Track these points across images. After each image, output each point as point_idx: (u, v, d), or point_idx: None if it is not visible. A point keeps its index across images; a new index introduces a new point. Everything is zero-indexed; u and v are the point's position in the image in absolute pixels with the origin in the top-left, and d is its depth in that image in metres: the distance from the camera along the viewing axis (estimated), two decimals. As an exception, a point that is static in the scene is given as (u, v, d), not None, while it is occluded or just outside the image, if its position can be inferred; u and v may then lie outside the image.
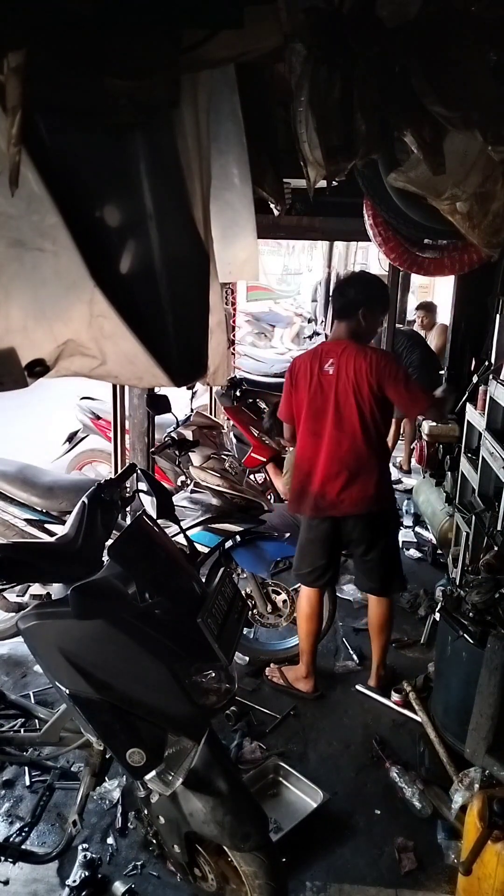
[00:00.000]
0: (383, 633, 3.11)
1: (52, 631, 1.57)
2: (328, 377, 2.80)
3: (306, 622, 3.07)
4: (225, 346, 1.90)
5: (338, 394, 2.78)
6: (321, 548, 2.99)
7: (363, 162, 1.56)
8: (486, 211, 1.97)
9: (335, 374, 2.79)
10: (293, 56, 1.42)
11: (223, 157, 1.87)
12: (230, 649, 1.64)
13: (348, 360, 2.78)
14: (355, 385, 2.75)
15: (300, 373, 2.87)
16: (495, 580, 2.54)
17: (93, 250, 1.41)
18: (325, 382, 2.81)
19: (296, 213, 4.20)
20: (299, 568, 3.07)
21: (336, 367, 2.79)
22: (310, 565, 3.02)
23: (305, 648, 3.10)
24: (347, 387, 2.76)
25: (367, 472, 2.84)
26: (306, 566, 3.03)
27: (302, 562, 3.05)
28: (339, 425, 2.80)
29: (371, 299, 2.87)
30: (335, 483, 2.84)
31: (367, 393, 2.74)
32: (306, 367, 2.85)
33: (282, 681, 3.17)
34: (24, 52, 1.05)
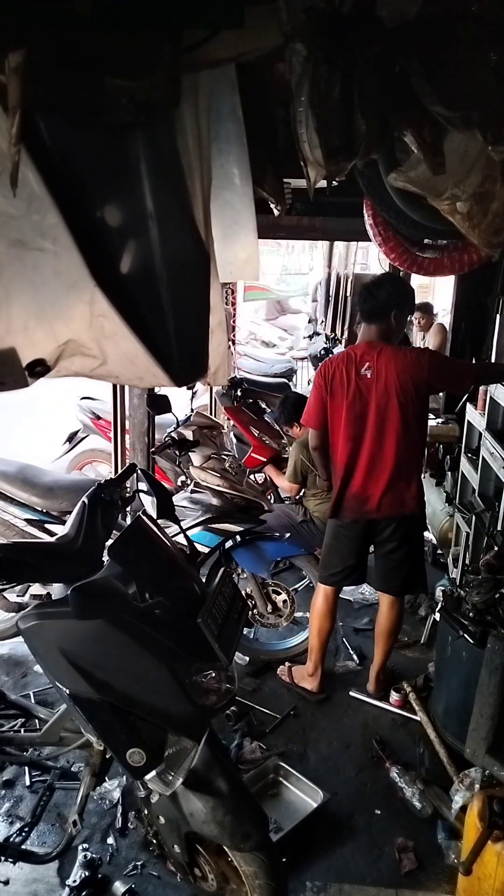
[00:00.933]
0: (391, 638, 3.11)
1: (52, 631, 1.57)
2: (366, 381, 2.78)
3: (322, 620, 3.08)
4: (225, 346, 1.90)
5: (378, 397, 2.76)
6: (353, 549, 2.99)
7: (363, 162, 1.56)
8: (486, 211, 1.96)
9: (374, 378, 2.77)
10: (293, 56, 1.41)
11: (223, 157, 1.87)
12: (230, 649, 1.64)
13: (388, 362, 2.77)
14: (398, 386, 2.74)
15: (335, 379, 2.82)
16: (495, 580, 2.54)
17: (93, 250, 1.41)
18: (364, 387, 2.78)
19: (296, 213, 4.19)
20: (328, 568, 3.05)
21: (374, 370, 2.77)
22: (340, 565, 3.01)
23: (316, 646, 3.11)
24: (389, 389, 2.75)
25: (407, 473, 2.86)
26: (336, 566, 3.02)
27: (331, 562, 3.04)
28: (381, 428, 2.79)
29: (402, 301, 2.88)
30: (378, 486, 2.85)
31: (413, 392, 2.75)
32: (342, 373, 2.81)
33: (288, 677, 3.19)
34: (25, 51, 1.05)
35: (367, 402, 2.79)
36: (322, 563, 3.13)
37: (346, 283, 9.09)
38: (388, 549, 2.98)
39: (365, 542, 3.00)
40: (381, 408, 2.77)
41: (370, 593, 4.06)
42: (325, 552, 3.10)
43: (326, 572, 3.08)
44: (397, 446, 2.80)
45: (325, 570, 3.09)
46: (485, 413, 3.36)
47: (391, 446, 2.81)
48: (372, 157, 1.58)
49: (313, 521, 3.70)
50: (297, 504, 3.89)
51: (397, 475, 2.84)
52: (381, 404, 2.77)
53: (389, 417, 2.78)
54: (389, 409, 2.77)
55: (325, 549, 3.09)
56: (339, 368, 2.82)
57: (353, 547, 2.98)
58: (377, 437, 2.80)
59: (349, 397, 2.80)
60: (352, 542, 2.98)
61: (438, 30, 1.42)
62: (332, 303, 9.73)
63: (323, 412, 2.90)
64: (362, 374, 2.79)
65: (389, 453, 2.81)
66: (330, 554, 3.06)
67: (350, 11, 1.40)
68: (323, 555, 3.12)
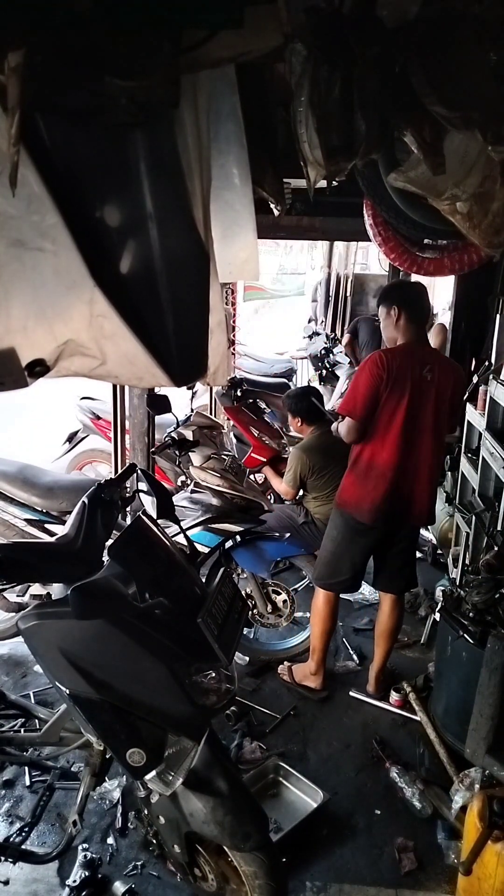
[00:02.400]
0: (392, 638, 3.10)
1: (52, 631, 1.57)
2: (427, 383, 2.72)
3: (324, 622, 3.06)
4: (225, 346, 1.90)
5: (435, 401, 2.73)
6: (367, 554, 2.96)
7: (363, 162, 1.56)
8: (486, 211, 1.96)
9: (433, 381, 2.73)
10: (293, 56, 1.41)
11: (223, 157, 1.87)
12: (230, 649, 1.64)
13: (444, 368, 2.77)
14: (449, 394, 2.76)
15: (399, 372, 2.67)
16: (495, 580, 2.54)
17: (93, 250, 1.41)
18: (426, 388, 2.71)
19: (296, 213, 4.19)
20: (336, 575, 2.97)
21: (434, 374, 2.73)
22: (349, 571, 2.95)
23: (319, 647, 3.10)
24: (443, 395, 2.74)
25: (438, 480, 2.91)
26: (345, 573, 2.95)
27: (339, 569, 2.96)
28: (435, 433, 2.77)
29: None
30: (424, 490, 2.82)
31: (451, 404, 2.79)
32: (407, 368, 2.68)
33: (289, 677, 3.19)
34: (24, 51, 1.05)
35: (426, 405, 2.72)
36: (326, 570, 3.00)
37: (346, 283, 9.10)
38: (397, 550, 2.98)
39: (377, 546, 2.95)
40: (435, 413, 2.74)
41: (370, 593, 4.06)
42: (331, 558, 2.97)
43: (333, 579, 2.98)
44: (438, 452, 2.83)
45: (332, 576, 2.98)
46: (485, 413, 3.36)
47: (437, 451, 2.81)
48: (372, 157, 1.58)
49: (314, 523, 3.69)
50: (298, 505, 3.89)
51: (435, 484, 2.87)
52: (435, 409, 2.74)
53: (439, 423, 2.76)
54: (441, 415, 2.75)
55: (332, 555, 2.96)
56: (405, 363, 2.69)
57: (367, 552, 2.95)
58: (431, 443, 2.76)
59: (410, 395, 2.68)
60: (368, 547, 2.92)
61: (438, 30, 1.42)
62: (332, 303, 9.74)
63: (373, 404, 2.70)
64: (424, 376, 2.71)
65: (436, 458, 2.81)
66: (339, 560, 2.94)
67: (350, 11, 1.40)
68: (328, 561, 2.99)
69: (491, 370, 3.48)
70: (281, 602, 3.35)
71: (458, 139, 1.64)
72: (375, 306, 8.31)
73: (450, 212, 1.98)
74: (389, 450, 2.73)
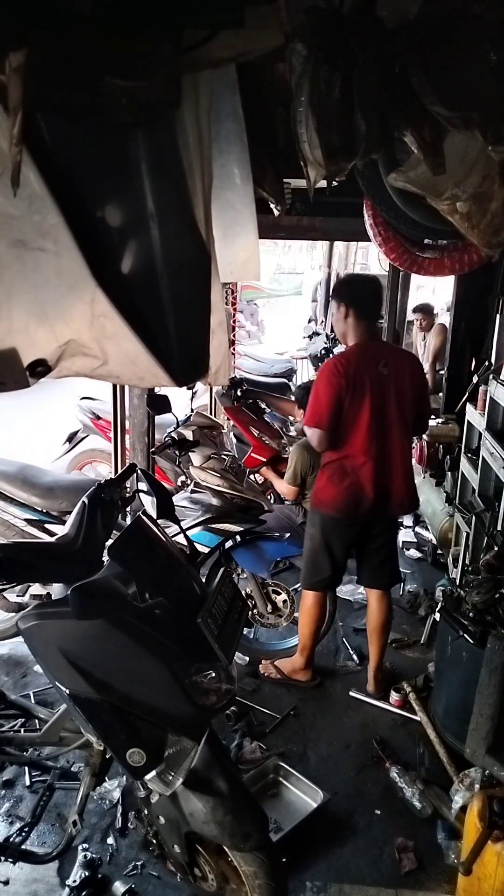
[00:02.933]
0: (385, 633, 3.12)
1: (52, 631, 1.57)
2: (384, 378, 2.77)
3: (313, 622, 3.08)
4: (226, 346, 1.90)
5: (395, 394, 2.78)
6: (347, 549, 2.99)
7: (363, 162, 1.56)
8: (484, 211, 1.96)
9: (390, 374, 2.78)
10: (293, 56, 1.41)
11: (224, 157, 1.87)
12: (230, 649, 1.64)
13: (398, 359, 2.84)
14: (408, 384, 2.81)
15: (356, 375, 2.72)
16: (495, 580, 2.54)
17: (94, 250, 1.41)
18: (385, 383, 2.77)
19: (296, 213, 4.19)
20: (317, 574, 3.00)
21: (389, 367, 2.78)
22: (330, 569, 2.98)
23: (307, 645, 3.12)
24: (403, 386, 2.79)
25: (412, 470, 2.96)
26: (325, 571, 2.98)
27: (320, 568, 2.99)
28: (400, 426, 2.82)
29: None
30: (403, 485, 2.87)
31: (412, 393, 2.83)
32: (363, 369, 2.74)
33: (278, 675, 3.19)
34: (25, 52, 1.05)
35: (386, 399, 2.77)
36: (308, 570, 3.03)
37: (346, 283, 9.08)
38: (377, 545, 3.02)
39: (356, 541, 3.01)
40: (397, 405, 2.79)
41: (370, 593, 4.07)
42: (311, 557, 3.01)
43: (315, 578, 3.02)
44: (409, 445, 2.89)
45: (314, 576, 3.01)
46: (485, 413, 3.36)
47: (407, 445, 2.88)
48: (372, 157, 1.58)
49: None
50: (297, 505, 3.89)
51: (410, 472, 2.92)
52: (397, 401, 2.79)
53: (403, 415, 2.81)
54: (403, 407, 2.80)
55: (312, 553, 3.00)
56: (360, 364, 2.74)
57: (346, 548, 2.99)
58: (395, 434, 2.81)
59: (372, 394, 2.74)
60: (346, 542, 2.97)
61: (438, 30, 1.42)
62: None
63: (339, 412, 2.75)
64: (380, 371, 2.77)
65: (406, 450, 2.88)
66: (319, 558, 2.98)
67: (350, 11, 1.40)
68: (310, 561, 3.02)
69: (491, 370, 3.49)
70: (281, 602, 3.35)
71: (458, 139, 1.64)
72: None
73: (449, 212, 1.98)
74: (360, 448, 2.79)
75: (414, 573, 4.43)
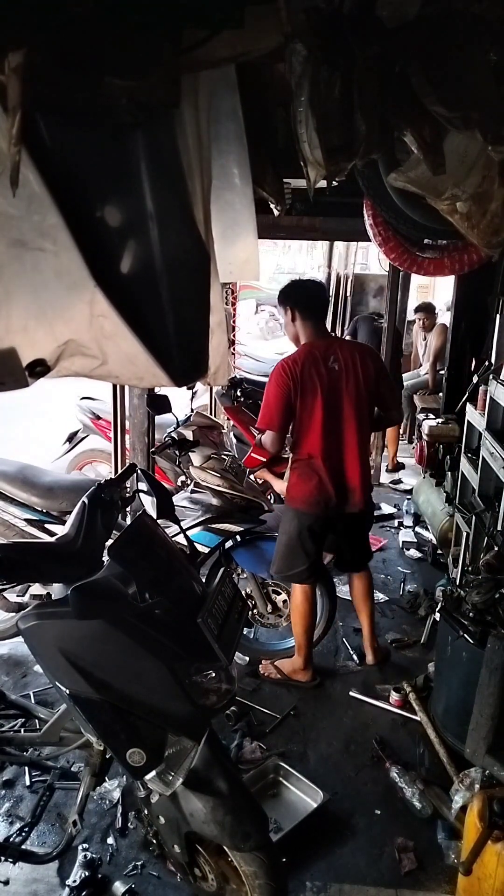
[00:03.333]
0: (370, 600, 3.30)
1: (52, 631, 1.57)
2: (336, 373, 2.85)
3: (305, 618, 3.09)
4: (225, 346, 1.90)
5: (349, 387, 2.86)
6: (317, 542, 3.04)
7: (363, 162, 1.56)
8: (484, 211, 1.96)
9: (342, 369, 2.86)
10: (293, 56, 1.41)
11: (224, 157, 1.87)
12: (230, 649, 1.64)
13: (348, 352, 2.90)
14: (363, 378, 2.88)
15: (304, 375, 2.81)
16: (495, 580, 2.54)
17: (93, 250, 1.41)
18: (336, 378, 2.85)
19: (296, 213, 4.20)
20: (293, 566, 3.04)
21: (339, 362, 2.86)
22: (305, 562, 3.02)
23: (304, 643, 3.13)
24: (358, 378, 2.87)
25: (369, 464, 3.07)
26: (301, 564, 3.02)
27: (295, 560, 3.03)
28: (357, 419, 2.90)
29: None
30: (360, 477, 2.97)
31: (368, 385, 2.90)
32: (311, 369, 2.82)
33: (278, 675, 3.19)
34: (25, 52, 1.05)
35: (340, 395, 2.85)
36: (283, 563, 3.05)
37: (346, 283, 9.10)
38: (352, 535, 3.19)
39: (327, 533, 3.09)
40: (353, 400, 2.88)
41: (370, 593, 4.07)
42: (286, 551, 3.04)
43: (290, 571, 3.05)
44: (365, 437, 2.99)
45: (289, 568, 3.05)
46: (485, 413, 3.36)
47: (364, 437, 2.97)
48: (372, 157, 1.58)
49: None
50: None
51: (368, 465, 3.04)
52: (351, 394, 2.87)
53: (360, 409, 2.90)
54: (359, 401, 2.90)
55: (287, 548, 3.03)
56: (307, 364, 2.83)
57: (319, 541, 3.05)
58: (355, 428, 2.91)
59: (323, 392, 2.82)
60: (318, 536, 3.03)
61: (438, 30, 1.42)
62: (331, 303, 9.74)
63: (288, 414, 2.85)
64: (330, 367, 2.85)
65: (363, 444, 2.98)
66: (294, 553, 3.02)
67: (350, 11, 1.40)
68: (283, 554, 3.05)
69: (491, 370, 3.48)
70: (281, 602, 3.35)
71: (458, 139, 1.64)
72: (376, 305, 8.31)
73: (449, 212, 1.98)
74: (317, 447, 2.89)
75: (414, 573, 4.43)
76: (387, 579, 4.31)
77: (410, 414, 6.80)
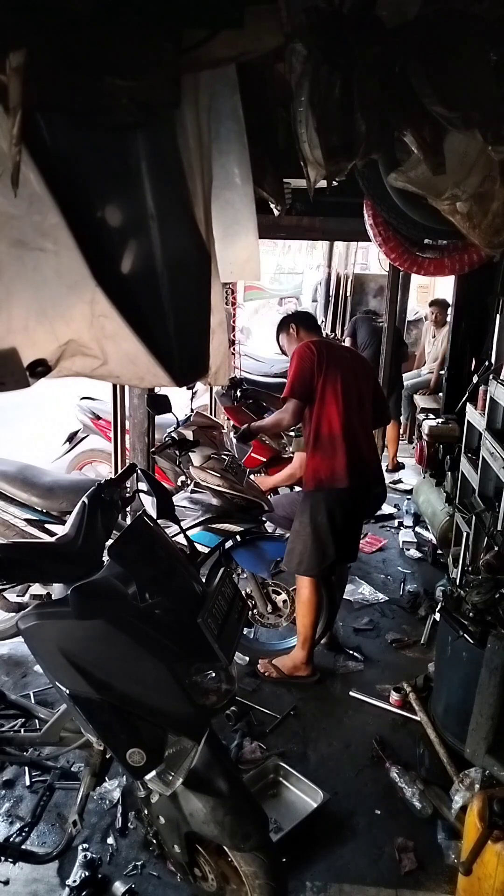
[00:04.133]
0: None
1: (52, 631, 1.57)
2: (347, 362, 3.15)
3: (314, 612, 3.11)
4: (226, 347, 1.90)
5: (358, 373, 3.15)
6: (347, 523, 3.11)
7: (363, 162, 1.56)
8: (486, 211, 1.96)
9: (350, 358, 3.24)
10: (293, 56, 1.41)
11: (224, 157, 1.87)
12: (230, 649, 1.64)
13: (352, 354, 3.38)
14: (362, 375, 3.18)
15: (328, 353, 3.07)
16: (495, 580, 2.54)
17: (94, 250, 1.41)
18: (348, 362, 3.15)
19: (296, 213, 4.20)
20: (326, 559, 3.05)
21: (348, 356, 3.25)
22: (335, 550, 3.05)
23: (309, 636, 3.14)
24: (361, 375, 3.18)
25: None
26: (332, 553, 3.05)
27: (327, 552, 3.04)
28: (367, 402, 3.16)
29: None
30: (375, 455, 3.25)
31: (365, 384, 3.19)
32: (331, 352, 3.11)
33: (277, 674, 3.19)
34: (25, 51, 1.05)
35: (354, 375, 3.11)
36: (314, 556, 3.03)
37: (346, 283, 9.10)
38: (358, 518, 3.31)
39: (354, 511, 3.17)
40: (361, 381, 3.15)
41: (370, 593, 4.07)
42: (317, 543, 3.02)
43: (323, 563, 3.05)
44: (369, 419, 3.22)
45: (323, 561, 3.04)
46: (485, 413, 3.36)
47: (369, 419, 3.21)
48: (372, 157, 1.58)
49: None
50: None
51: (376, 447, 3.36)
52: (360, 377, 3.15)
53: (367, 392, 3.17)
54: (367, 384, 3.20)
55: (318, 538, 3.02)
56: (328, 348, 3.13)
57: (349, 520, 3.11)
58: (364, 408, 3.14)
59: (342, 370, 3.06)
60: (348, 514, 3.08)
61: (438, 30, 1.42)
62: (332, 303, 9.74)
63: (311, 385, 3.01)
64: (343, 355, 3.21)
65: (370, 425, 3.24)
66: (325, 541, 3.02)
67: (350, 11, 1.40)
68: (315, 547, 3.03)
69: (491, 370, 3.49)
70: (281, 602, 3.35)
71: (458, 139, 1.64)
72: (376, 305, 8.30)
73: (450, 212, 1.98)
74: (338, 420, 3.04)
75: (414, 573, 4.43)
76: (387, 579, 4.31)
77: (410, 414, 6.80)
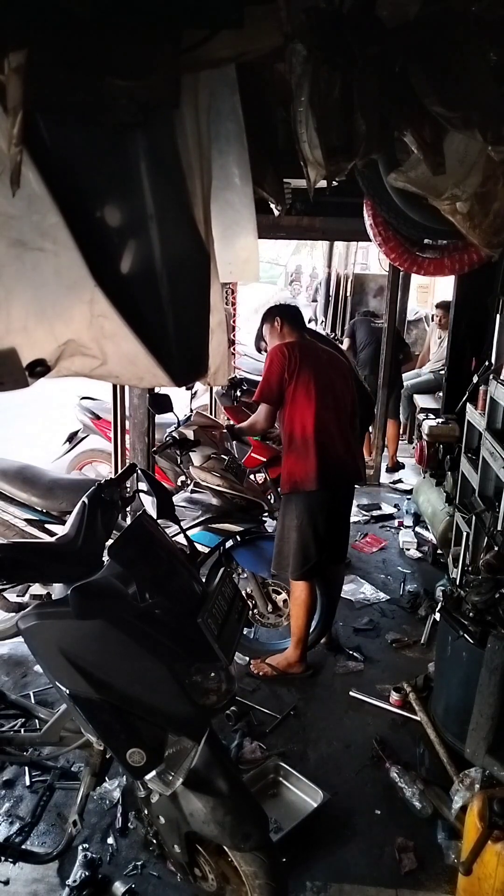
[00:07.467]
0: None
1: (52, 631, 1.57)
2: (323, 361, 3.13)
3: (308, 612, 3.11)
4: (225, 346, 1.90)
5: (335, 374, 3.14)
6: (328, 524, 3.09)
7: (363, 162, 1.56)
8: (486, 211, 1.96)
9: (328, 359, 3.18)
10: (293, 56, 1.41)
11: (224, 157, 1.87)
12: (230, 649, 1.64)
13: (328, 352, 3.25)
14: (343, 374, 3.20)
15: (301, 355, 3.03)
16: (495, 580, 2.54)
17: (93, 250, 1.41)
18: (324, 365, 3.12)
19: (296, 213, 4.20)
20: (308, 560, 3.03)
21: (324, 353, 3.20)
22: (317, 552, 3.04)
23: (303, 636, 3.15)
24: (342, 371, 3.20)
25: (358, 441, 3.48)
26: (314, 554, 3.04)
27: (309, 554, 3.03)
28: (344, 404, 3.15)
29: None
30: (352, 450, 3.22)
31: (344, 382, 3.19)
32: (304, 352, 3.07)
33: (272, 671, 3.20)
34: (25, 52, 1.05)
35: (328, 377, 3.09)
36: (298, 559, 3.03)
37: (346, 283, 9.11)
38: (342, 519, 3.28)
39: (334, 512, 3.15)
40: (340, 380, 3.15)
41: (370, 593, 4.07)
42: (300, 545, 3.03)
43: (306, 566, 3.04)
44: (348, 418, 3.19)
45: (305, 563, 3.03)
46: (485, 413, 3.36)
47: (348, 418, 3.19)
48: (372, 157, 1.58)
49: None
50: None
51: (357, 441, 3.33)
52: (339, 377, 3.15)
53: (343, 392, 3.15)
54: (346, 390, 3.17)
55: (301, 540, 3.02)
56: (301, 348, 3.09)
57: (328, 522, 3.09)
58: (342, 409, 3.13)
59: (315, 371, 3.03)
60: (327, 516, 3.07)
61: (438, 30, 1.42)
62: (332, 303, 9.75)
63: (280, 389, 3.02)
64: (320, 356, 3.15)
65: (349, 424, 3.20)
66: (308, 543, 3.02)
67: (350, 11, 1.40)
68: (298, 550, 3.03)
69: (491, 370, 3.48)
70: (281, 602, 3.35)
71: (458, 139, 1.64)
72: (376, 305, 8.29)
73: (450, 212, 1.98)
74: (314, 417, 3.02)
75: (414, 573, 4.43)
76: (387, 579, 4.31)
77: (410, 414, 6.80)
